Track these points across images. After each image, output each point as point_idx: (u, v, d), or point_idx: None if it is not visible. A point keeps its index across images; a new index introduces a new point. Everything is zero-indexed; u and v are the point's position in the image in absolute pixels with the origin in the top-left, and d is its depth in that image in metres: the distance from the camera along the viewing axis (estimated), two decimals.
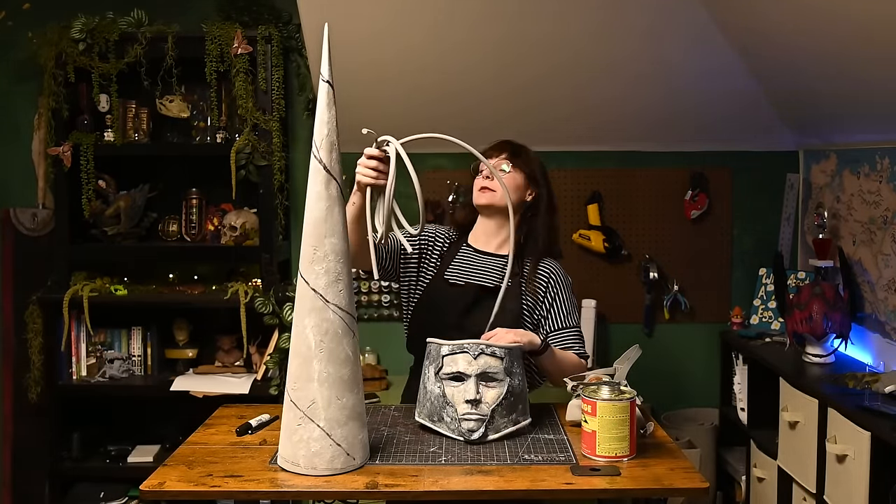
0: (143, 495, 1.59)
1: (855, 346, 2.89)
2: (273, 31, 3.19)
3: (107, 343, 3.31)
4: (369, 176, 1.82)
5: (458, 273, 2.10)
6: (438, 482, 1.57)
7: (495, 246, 2.15)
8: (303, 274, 1.63)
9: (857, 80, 2.52)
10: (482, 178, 2.11)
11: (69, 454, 3.24)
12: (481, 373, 1.76)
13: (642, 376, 2.25)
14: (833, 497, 2.36)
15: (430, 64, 3.07)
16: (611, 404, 1.66)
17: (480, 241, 2.17)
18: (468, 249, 2.16)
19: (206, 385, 3.14)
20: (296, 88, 3.47)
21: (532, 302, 2.08)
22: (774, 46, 2.74)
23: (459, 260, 2.14)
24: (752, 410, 3.03)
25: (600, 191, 3.50)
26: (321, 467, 1.60)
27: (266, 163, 3.18)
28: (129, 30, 3.14)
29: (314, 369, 1.60)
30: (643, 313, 3.54)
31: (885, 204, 2.75)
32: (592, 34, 2.93)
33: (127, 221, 3.28)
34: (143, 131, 3.28)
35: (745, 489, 3.10)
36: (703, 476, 1.63)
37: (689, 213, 3.51)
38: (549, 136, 3.31)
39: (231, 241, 3.27)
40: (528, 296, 2.08)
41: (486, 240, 2.16)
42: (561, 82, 3.16)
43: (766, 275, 3.41)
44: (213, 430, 1.92)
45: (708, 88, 3.17)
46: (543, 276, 2.10)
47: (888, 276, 2.72)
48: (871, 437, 2.14)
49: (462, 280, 2.09)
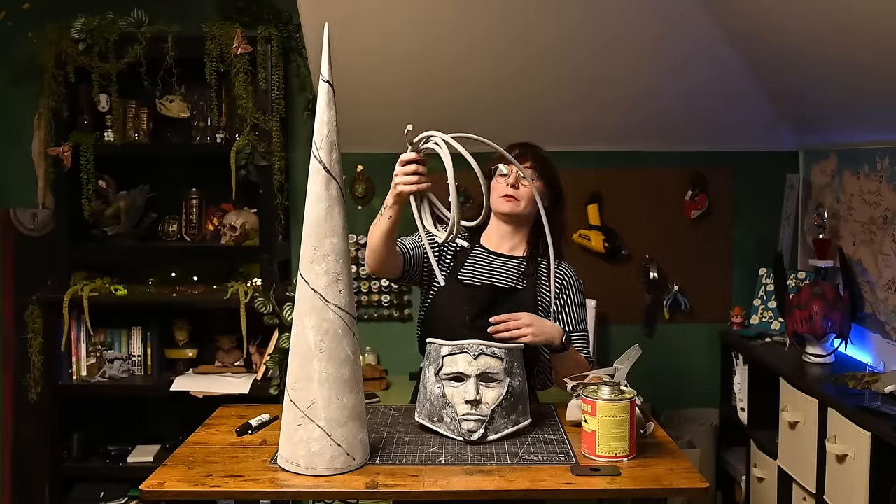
0: (143, 495, 1.59)
1: (855, 346, 2.89)
2: (273, 31, 3.18)
3: (107, 343, 3.31)
4: (412, 182, 1.74)
5: (472, 273, 2.09)
6: (438, 482, 1.57)
7: (508, 248, 2.15)
8: (303, 274, 1.63)
9: (857, 80, 2.52)
10: (506, 185, 2.08)
11: (69, 454, 3.23)
12: (481, 373, 1.76)
13: (642, 376, 2.25)
14: (833, 497, 2.36)
15: (433, 64, 3.07)
16: (611, 404, 1.66)
17: (493, 243, 2.16)
18: (481, 250, 2.15)
19: (206, 385, 3.14)
20: (296, 88, 3.46)
21: (546, 303, 2.08)
22: (774, 47, 2.74)
23: (472, 261, 2.12)
24: (752, 410, 3.03)
25: (600, 191, 3.50)
26: (321, 467, 1.60)
27: (266, 163, 3.18)
28: (129, 30, 3.14)
29: (314, 369, 1.61)
30: (643, 313, 3.54)
31: (885, 204, 2.75)
32: (592, 35, 2.93)
33: (127, 221, 3.28)
34: (143, 131, 3.28)
35: (745, 489, 3.10)
36: (703, 476, 1.63)
37: (689, 213, 3.51)
38: (549, 136, 3.28)
39: (231, 241, 3.27)
40: (542, 296, 2.08)
41: (500, 241, 2.15)
42: (561, 83, 3.16)
43: (766, 275, 3.41)
44: (213, 430, 1.92)
45: (708, 88, 3.17)
46: (558, 278, 2.09)
47: (888, 276, 2.72)
48: (871, 437, 2.13)
49: (476, 280, 2.08)
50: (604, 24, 2.89)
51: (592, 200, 3.48)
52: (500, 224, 2.16)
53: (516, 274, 2.09)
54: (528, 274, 2.09)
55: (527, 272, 2.09)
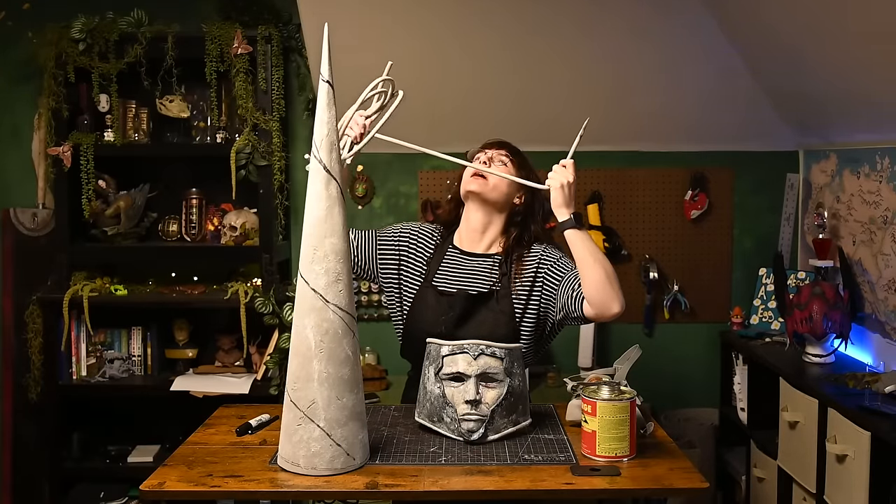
0: (143, 495, 1.59)
1: (855, 346, 2.89)
2: (273, 31, 3.19)
3: (107, 343, 3.31)
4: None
5: (446, 279, 2.02)
6: (438, 482, 1.57)
7: (484, 247, 2.06)
8: (303, 274, 1.63)
9: (857, 80, 2.52)
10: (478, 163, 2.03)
11: (69, 454, 3.24)
12: (481, 373, 1.76)
13: (642, 376, 2.25)
14: (833, 497, 2.36)
15: (431, 64, 3.07)
16: (611, 404, 1.66)
17: (465, 243, 2.07)
18: (454, 252, 2.07)
19: (206, 385, 3.14)
20: (296, 88, 3.46)
21: (526, 296, 1.99)
22: (774, 46, 2.74)
23: (447, 265, 2.05)
24: (752, 410, 3.03)
25: (600, 191, 3.50)
26: (321, 467, 1.60)
27: (266, 163, 3.18)
28: (129, 30, 3.14)
29: (314, 369, 1.60)
30: (643, 313, 3.54)
31: (885, 204, 2.75)
32: (592, 35, 2.93)
33: (127, 221, 3.28)
34: (143, 131, 3.28)
35: (745, 489, 3.10)
36: (703, 476, 1.63)
37: (689, 213, 3.51)
38: (549, 136, 3.29)
39: (231, 241, 3.27)
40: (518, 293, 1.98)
41: (473, 240, 2.06)
42: (561, 83, 3.16)
43: (766, 275, 3.41)
44: (213, 430, 1.92)
45: (708, 88, 3.18)
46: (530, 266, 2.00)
47: (888, 276, 2.72)
48: (871, 437, 2.14)
49: (451, 288, 2.00)
50: (604, 25, 2.89)
51: (592, 200, 3.49)
52: (468, 218, 2.06)
53: (492, 274, 2.01)
54: (503, 273, 2.00)
55: (503, 270, 2.00)
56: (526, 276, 1.99)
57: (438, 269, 2.05)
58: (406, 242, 2.10)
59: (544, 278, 1.99)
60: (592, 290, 1.89)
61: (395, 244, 2.09)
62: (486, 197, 2.02)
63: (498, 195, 2.03)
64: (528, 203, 2.08)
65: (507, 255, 2.03)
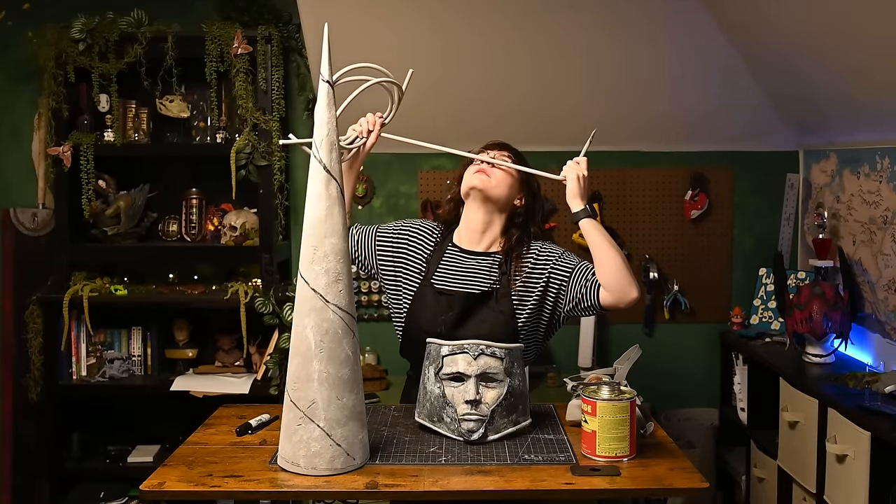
0: (143, 495, 1.59)
1: (855, 346, 2.89)
2: (273, 31, 3.19)
3: (107, 343, 3.32)
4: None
5: (446, 279, 2.01)
6: (438, 482, 1.57)
7: (484, 245, 2.05)
8: (303, 274, 1.63)
9: (858, 80, 2.52)
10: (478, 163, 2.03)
11: (69, 454, 3.24)
12: (481, 373, 1.76)
13: (642, 376, 2.25)
14: (833, 497, 2.36)
15: (431, 64, 3.07)
16: (611, 404, 1.66)
17: (465, 241, 2.06)
18: (454, 250, 2.07)
19: (206, 385, 3.14)
20: (296, 88, 3.47)
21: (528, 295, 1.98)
22: (774, 46, 2.74)
23: (446, 263, 2.04)
24: (752, 410, 3.03)
25: (600, 191, 3.51)
26: (321, 467, 1.60)
27: (266, 163, 3.18)
28: (129, 30, 3.14)
29: (314, 369, 1.60)
30: (643, 313, 3.54)
31: (885, 204, 2.75)
32: (593, 34, 2.93)
33: (127, 221, 3.28)
34: (143, 131, 3.29)
35: (745, 489, 3.10)
36: (702, 476, 1.63)
37: (689, 213, 3.51)
38: (549, 136, 3.31)
39: (231, 241, 3.27)
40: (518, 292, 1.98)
41: (472, 238, 2.05)
42: (561, 82, 3.16)
43: (766, 275, 3.41)
44: (213, 430, 1.92)
45: (708, 88, 3.18)
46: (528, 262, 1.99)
47: (888, 276, 2.72)
48: (871, 437, 2.14)
49: (451, 288, 1.99)
50: (604, 25, 2.89)
51: (592, 200, 3.48)
52: (468, 216, 2.05)
53: (492, 273, 2.00)
54: (503, 272, 1.99)
55: (503, 270, 2.00)
56: (526, 275, 1.99)
57: (438, 267, 2.05)
58: (406, 240, 2.10)
59: (549, 276, 1.99)
60: (610, 276, 1.91)
61: (395, 241, 2.09)
62: (488, 193, 2.01)
63: (500, 193, 2.03)
64: (528, 205, 2.08)
65: (506, 254, 2.03)
